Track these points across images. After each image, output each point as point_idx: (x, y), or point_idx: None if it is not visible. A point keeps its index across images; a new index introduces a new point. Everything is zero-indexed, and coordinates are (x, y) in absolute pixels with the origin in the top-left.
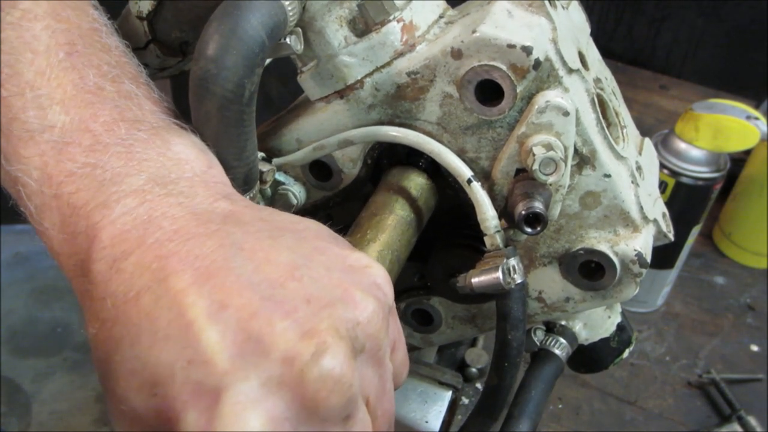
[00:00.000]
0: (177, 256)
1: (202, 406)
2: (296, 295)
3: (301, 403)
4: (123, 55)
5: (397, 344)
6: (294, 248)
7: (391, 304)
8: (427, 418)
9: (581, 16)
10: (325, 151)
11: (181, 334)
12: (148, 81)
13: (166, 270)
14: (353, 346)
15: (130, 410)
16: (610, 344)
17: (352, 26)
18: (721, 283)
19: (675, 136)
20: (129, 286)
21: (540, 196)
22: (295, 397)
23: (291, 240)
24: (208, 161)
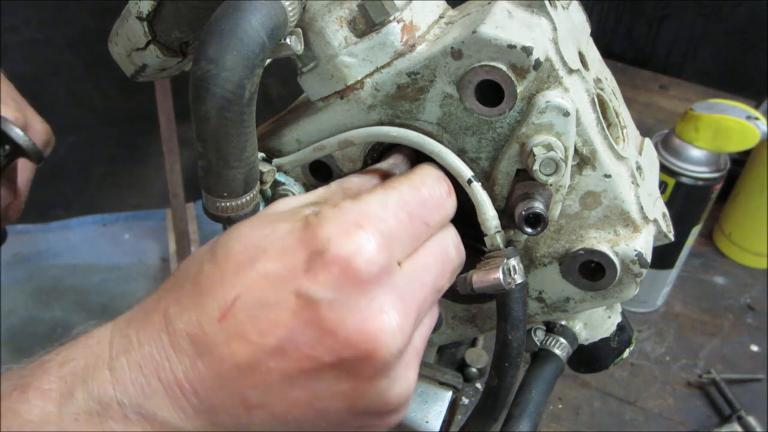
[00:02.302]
0: None
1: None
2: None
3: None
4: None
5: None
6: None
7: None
8: (428, 418)
9: (581, 16)
10: (325, 152)
11: None
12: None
13: None
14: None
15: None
16: (610, 344)
17: (352, 27)
18: (721, 283)
19: (675, 136)
20: None
21: (540, 196)
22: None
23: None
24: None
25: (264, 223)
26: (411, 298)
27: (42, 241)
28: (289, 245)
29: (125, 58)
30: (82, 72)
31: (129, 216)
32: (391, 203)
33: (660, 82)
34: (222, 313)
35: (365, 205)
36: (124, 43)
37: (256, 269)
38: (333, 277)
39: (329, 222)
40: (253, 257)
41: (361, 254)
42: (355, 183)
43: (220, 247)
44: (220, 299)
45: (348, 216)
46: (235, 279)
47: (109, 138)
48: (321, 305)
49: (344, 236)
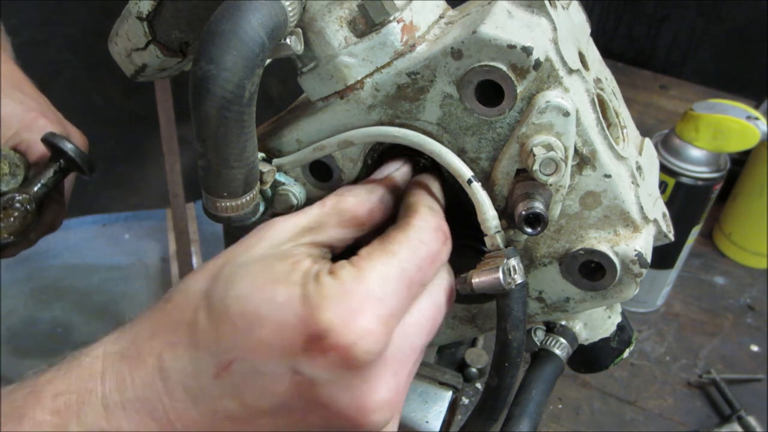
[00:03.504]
0: None
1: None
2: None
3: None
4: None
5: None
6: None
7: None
8: (428, 418)
9: (581, 17)
10: (325, 152)
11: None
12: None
13: None
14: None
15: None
16: (610, 344)
17: (352, 27)
18: (721, 283)
19: (675, 136)
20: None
21: (540, 196)
22: None
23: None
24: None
25: (263, 283)
26: (402, 367)
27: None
28: (288, 321)
29: (125, 58)
30: (82, 72)
31: (129, 216)
32: (392, 277)
33: (660, 82)
34: (217, 371)
35: (366, 286)
36: (124, 43)
37: (254, 337)
38: (330, 361)
39: (330, 306)
40: (250, 324)
41: (360, 344)
42: (350, 204)
43: (217, 301)
44: (216, 358)
45: (349, 300)
46: (231, 342)
47: (109, 138)
48: (317, 383)
49: (344, 325)
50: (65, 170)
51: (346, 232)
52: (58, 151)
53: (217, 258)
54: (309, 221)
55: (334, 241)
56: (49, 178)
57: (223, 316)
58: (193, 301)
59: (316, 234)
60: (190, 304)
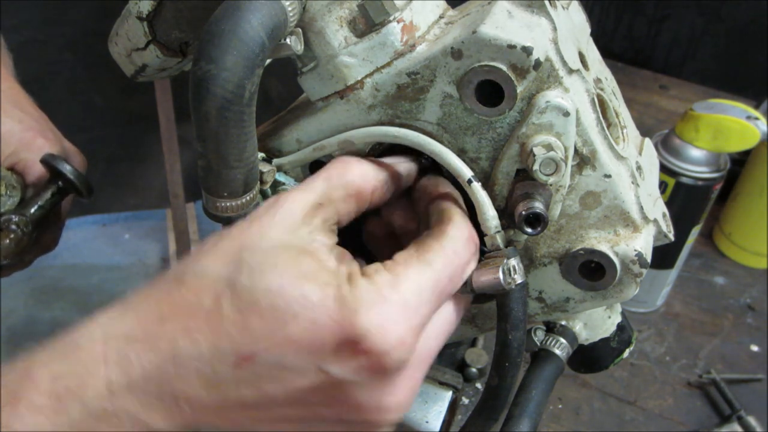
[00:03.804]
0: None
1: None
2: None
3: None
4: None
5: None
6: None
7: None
8: (428, 418)
9: (581, 16)
10: (325, 152)
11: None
12: None
13: None
14: None
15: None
16: (610, 344)
17: (352, 27)
18: (721, 283)
19: (675, 136)
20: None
21: (540, 196)
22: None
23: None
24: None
25: (294, 279)
26: (419, 370)
27: None
28: (321, 321)
29: (125, 58)
30: (82, 72)
31: (129, 216)
32: (426, 288)
33: (660, 82)
34: (238, 362)
35: (404, 295)
36: (124, 43)
37: (283, 333)
38: (361, 365)
39: (367, 311)
40: (281, 320)
41: (393, 353)
42: (357, 177)
43: (245, 292)
44: (239, 350)
45: (386, 308)
46: (258, 335)
47: (109, 138)
48: (340, 383)
49: (380, 332)
50: (63, 192)
51: (350, 207)
52: (57, 173)
53: (228, 238)
54: (316, 197)
55: (341, 216)
56: (46, 200)
57: (252, 307)
58: (212, 286)
59: (325, 211)
60: (210, 289)
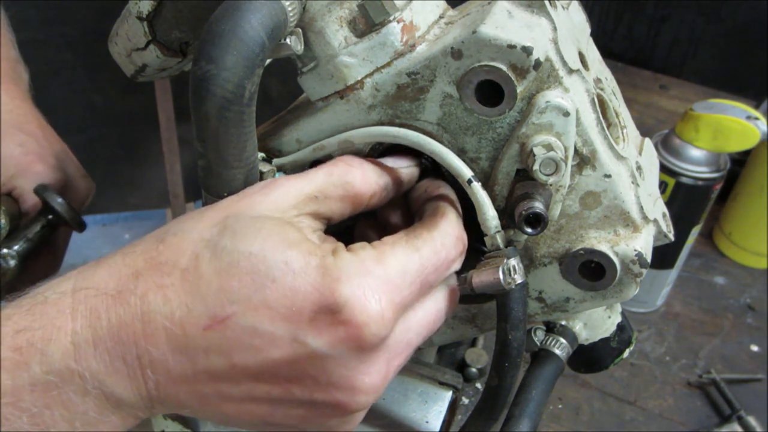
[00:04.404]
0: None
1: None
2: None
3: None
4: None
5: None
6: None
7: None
8: (428, 418)
9: (581, 16)
10: (325, 152)
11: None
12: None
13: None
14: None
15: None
16: (610, 344)
17: (352, 27)
18: (721, 283)
19: (675, 136)
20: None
21: (540, 196)
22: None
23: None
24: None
25: (277, 244)
26: (396, 358)
27: None
28: (302, 288)
29: (125, 58)
30: (82, 72)
31: (129, 216)
32: (411, 270)
33: (660, 82)
34: (210, 324)
35: (387, 271)
36: (124, 43)
37: (260, 296)
38: (337, 336)
39: (349, 281)
40: (260, 283)
41: (371, 326)
42: (357, 180)
43: (225, 253)
44: (212, 311)
45: (369, 281)
46: (235, 297)
47: (109, 138)
48: (315, 354)
49: (361, 304)
50: (53, 225)
51: (345, 207)
52: (47, 205)
53: (213, 208)
54: (313, 189)
55: (334, 214)
56: (35, 233)
57: (231, 269)
58: (191, 246)
59: (319, 204)
60: (188, 248)
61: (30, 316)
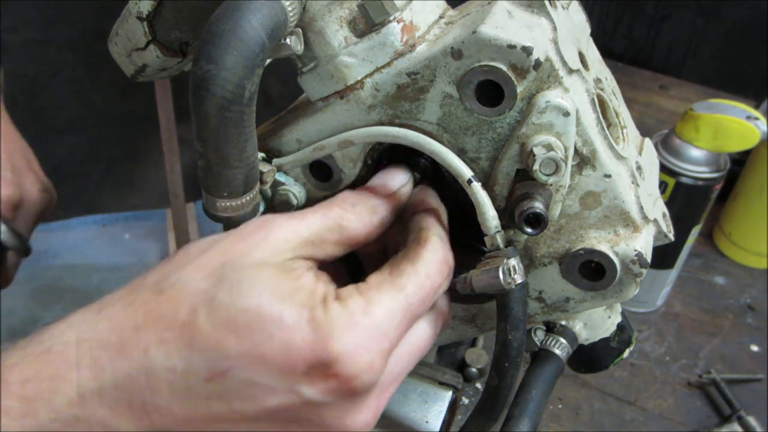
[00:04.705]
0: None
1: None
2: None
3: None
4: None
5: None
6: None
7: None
8: (428, 418)
9: (581, 16)
10: (325, 152)
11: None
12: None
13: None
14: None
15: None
16: (610, 344)
17: (352, 27)
18: (721, 283)
19: (675, 136)
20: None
21: (540, 196)
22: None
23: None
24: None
25: (271, 299)
26: (387, 390)
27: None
28: (295, 343)
29: (125, 58)
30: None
31: (129, 216)
32: (397, 312)
33: (660, 82)
34: (210, 376)
35: (375, 320)
36: (124, 43)
37: (258, 352)
38: (330, 387)
39: (340, 336)
40: (257, 339)
41: (363, 377)
42: (353, 226)
43: (222, 308)
44: (212, 364)
45: (358, 333)
46: (233, 352)
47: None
48: (309, 402)
49: (352, 357)
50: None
51: (341, 250)
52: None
53: (212, 251)
54: (310, 234)
55: (328, 256)
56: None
57: (228, 324)
58: (190, 299)
59: (314, 249)
60: (187, 301)
61: (36, 365)
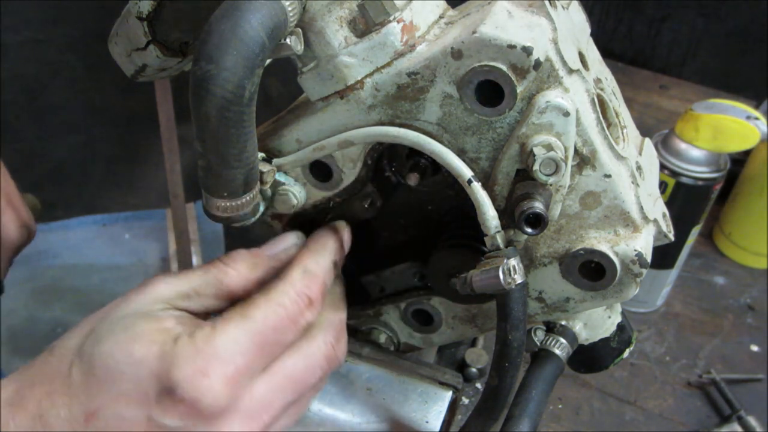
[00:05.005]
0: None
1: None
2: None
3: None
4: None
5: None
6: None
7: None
8: (428, 418)
9: (581, 16)
10: (325, 152)
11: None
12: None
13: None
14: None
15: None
16: (610, 344)
17: (352, 27)
18: (721, 283)
19: (675, 136)
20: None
21: (540, 196)
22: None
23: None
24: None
25: (124, 341)
26: (254, 418)
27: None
28: (144, 376)
29: (125, 58)
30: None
31: (129, 216)
32: (241, 339)
33: (660, 82)
34: (87, 418)
35: (215, 348)
36: (124, 43)
37: (115, 389)
38: (180, 412)
39: (182, 364)
40: (112, 378)
41: (204, 399)
42: (231, 280)
43: (87, 357)
44: (85, 407)
45: (197, 360)
46: (97, 392)
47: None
48: (168, 429)
49: (190, 382)
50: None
51: (221, 303)
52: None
53: (98, 311)
54: (188, 288)
55: (208, 309)
56: None
57: (91, 370)
58: (69, 354)
59: (191, 301)
60: (67, 357)
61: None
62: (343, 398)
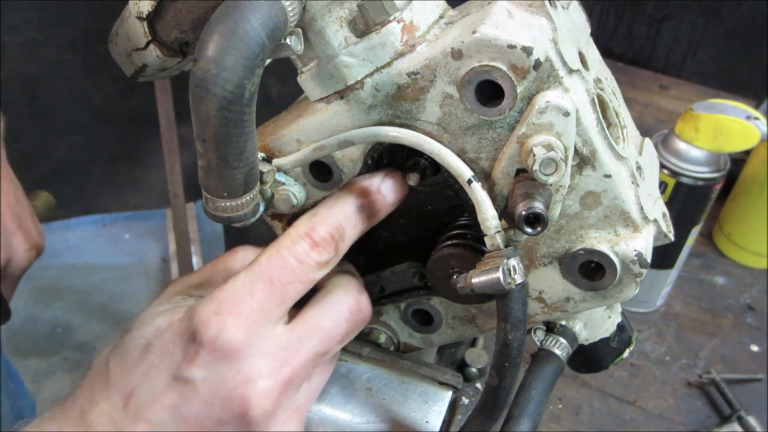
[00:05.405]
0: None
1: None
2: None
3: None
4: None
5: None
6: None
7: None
8: (428, 418)
9: (581, 16)
10: (325, 152)
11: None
12: None
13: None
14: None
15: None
16: (610, 344)
17: (352, 27)
18: (721, 283)
19: (675, 136)
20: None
21: (540, 196)
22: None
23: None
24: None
25: (149, 324)
26: (284, 365)
27: None
28: (168, 340)
29: (125, 58)
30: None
31: (129, 216)
32: (250, 280)
33: (660, 82)
34: (125, 402)
35: (225, 292)
36: (124, 43)
37: (147, 362)
38: (204, 358)
39: (199, 312)
40: (143, 355)
41: (221, 336)
42: (241, 263)
43: (120, 348)
44: (122, 390)
45: (212, 305)
46: (132, 372)
47: (109, 138)
48: (197, 383)
49: (206, 324)
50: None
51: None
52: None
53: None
54: (199, 279)
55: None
56: None
57: (125, 355)
58: (104, 357)
59: (203, 290)
60: (103, 358)
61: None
62: (343, 398)
